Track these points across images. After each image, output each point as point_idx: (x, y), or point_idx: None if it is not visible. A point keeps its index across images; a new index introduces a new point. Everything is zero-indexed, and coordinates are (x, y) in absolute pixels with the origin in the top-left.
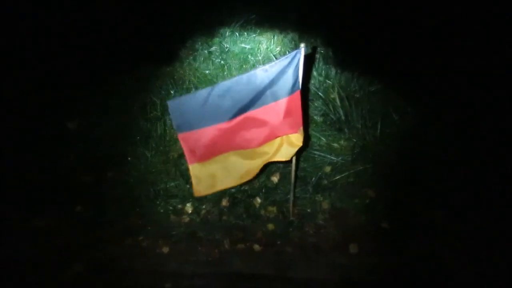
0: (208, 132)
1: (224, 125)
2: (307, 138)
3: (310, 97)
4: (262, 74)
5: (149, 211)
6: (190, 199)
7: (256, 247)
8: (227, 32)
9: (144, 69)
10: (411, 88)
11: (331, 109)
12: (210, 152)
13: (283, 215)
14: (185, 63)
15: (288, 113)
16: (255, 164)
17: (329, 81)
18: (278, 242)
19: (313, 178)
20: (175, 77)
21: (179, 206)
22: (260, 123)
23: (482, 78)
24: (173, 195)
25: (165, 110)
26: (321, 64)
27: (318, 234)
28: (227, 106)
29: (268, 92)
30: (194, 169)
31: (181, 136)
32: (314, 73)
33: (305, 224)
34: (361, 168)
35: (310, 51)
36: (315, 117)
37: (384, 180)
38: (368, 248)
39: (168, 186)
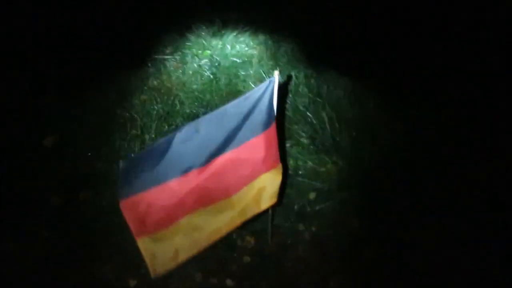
0: (169, 189)
1: (191, 175)
2: (292, 162)
3: (298, 117)
4: (234, 110)
5: (119, 239)
6: None
7: (229, 282)
8: (219, 45)
9: (128, 82)
10: (406, 108)
11: (319, 130)
12: (169, 216)
13: (261, 246)
14: (174, 76)
15: (268, 147)
16: (230, 215)
17: (319, 99)
18: (254, 277)
19: (296, 206)
20: (162, 91)
21: None
22: (239, 163)
23: (488, 98)
24: None
25: (145, 127)
26: (312, 80)
27: (297, 268)
28: (194, 152)
29: (245, 128)
30: (146, 244)
31: (125, 202)
32: (306, 89)
33: (284, 256)
34: (347, 195)
35: (295, 73)
36: (301, 139)
37: (370, 210)
38: (349, 283)
39: None
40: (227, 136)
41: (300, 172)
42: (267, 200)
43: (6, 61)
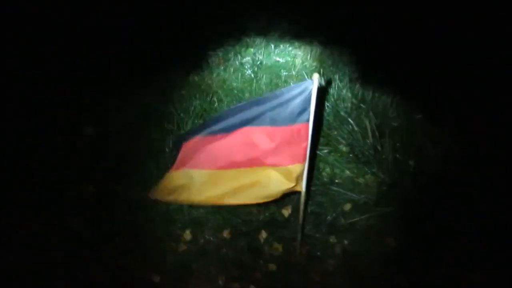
0: (201, 142)
1: (218, 137)
2: (329, 170)
3: (338, 123)
4: (270, 97)
5: (145, 234)
6: (190, 226)
7: None
8: (263, 43)
9: (169, 76)
10: (457, 122)
11: (360, 138)
12: (192, 162)
13: (289, 255)
14: (215, 73)
15: (287, 142)
16: (231, 188)
17: (363, 105)
18: (278, 286)
19: (329, 216)
20: (202, 87)
21: (178, 232)
22: (251, 142)
23: None
24: (173, 219)
25: (181, 122)
26: (357, 85)
27: (325, 282)
28: (228, 121)
29: (268, 114)
30: (171, 175)
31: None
32: (349, 94)
33: (312, 268)
34: (386, 210)
35: (339, 76)
36: (340, 146)
37: (409, 229)
38: None
39: (170, 207)
40: (252, 115)
41: (336, 181)
42: (262, 196)
43: (54, 54)
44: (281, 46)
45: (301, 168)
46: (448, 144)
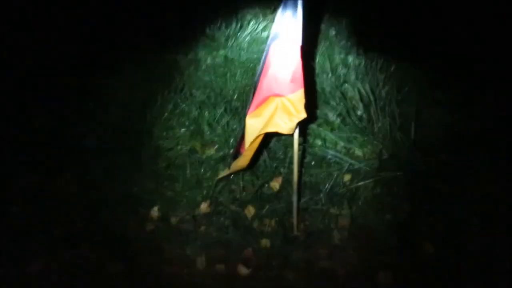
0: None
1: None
2: (320, 141)
3: (328, 95)
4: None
5: (105, 216)
6: (158, 203)
7: (243, 269)
8: (235, 45)
9: (136, 76)
10: (451, 94)
11: (351, 108)
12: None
13: (284, 230)
14: (185, 73)
15: (283, 68)
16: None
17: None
18: (274, 264)
19: (327, 185)
20: (173, 85)
21: (143, 210)
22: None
23: None
24: (140, 197)
25: (152, 121)
26: (340, 68)
27: (333, 257)
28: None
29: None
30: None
31: None
32: (332, 78)
33: (314, 243)
34: (391, 175)
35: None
36: (330, 118)
37: (423, 191)
38: (405, 277)
39: (135, 188)
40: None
41: (330, 152)
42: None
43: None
44: (254, 45)
45: (302, 94)
46: (446, 107)
